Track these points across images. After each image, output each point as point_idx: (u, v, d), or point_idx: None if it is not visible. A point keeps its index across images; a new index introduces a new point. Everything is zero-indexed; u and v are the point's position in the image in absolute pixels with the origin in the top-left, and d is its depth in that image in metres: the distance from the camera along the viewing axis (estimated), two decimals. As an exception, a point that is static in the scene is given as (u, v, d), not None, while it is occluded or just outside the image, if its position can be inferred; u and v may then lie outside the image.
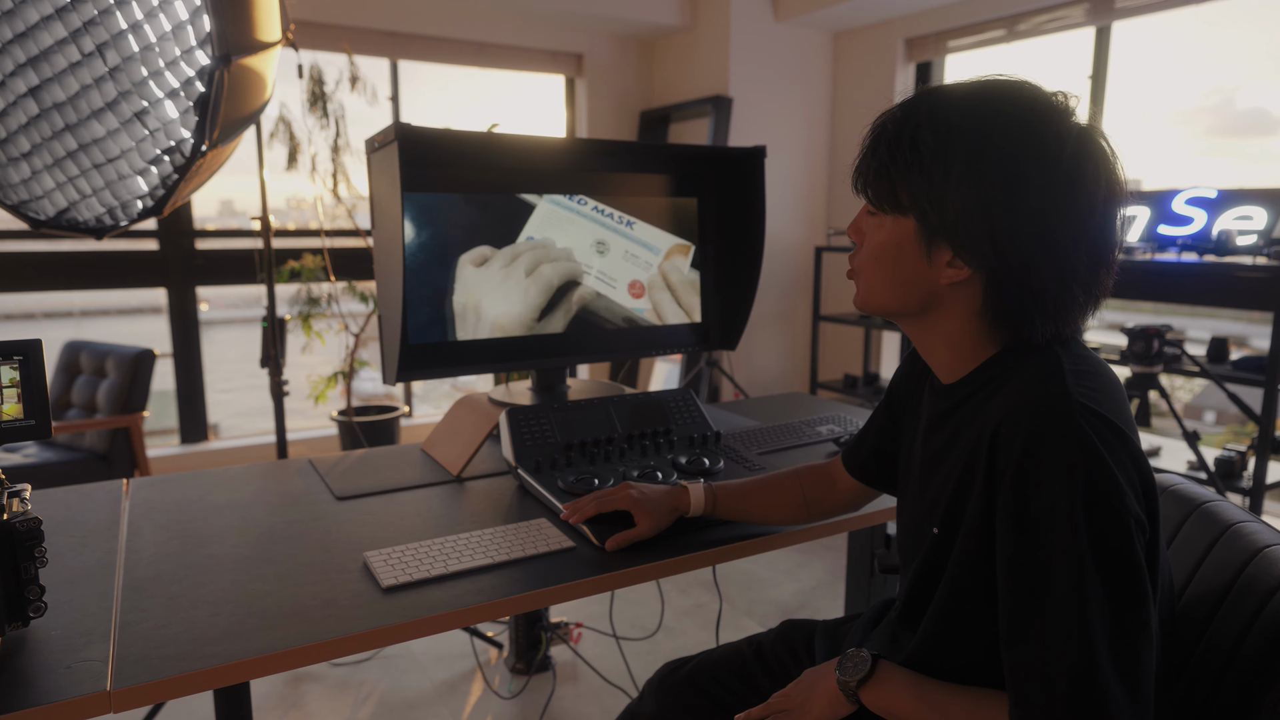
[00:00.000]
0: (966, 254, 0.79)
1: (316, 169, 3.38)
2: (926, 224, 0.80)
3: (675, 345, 1.78)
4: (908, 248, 0.82)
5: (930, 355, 0.91)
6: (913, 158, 0.79)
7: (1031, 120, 0.77)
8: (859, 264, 0.89)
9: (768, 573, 2.92)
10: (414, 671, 2.23)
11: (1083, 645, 0.68)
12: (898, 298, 0.86)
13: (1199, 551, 0.98)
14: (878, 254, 0.85)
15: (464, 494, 1.38)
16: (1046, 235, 0.76)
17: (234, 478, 1.45)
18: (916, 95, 0.84)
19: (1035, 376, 0.77)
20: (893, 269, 0.84)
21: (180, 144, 1.41)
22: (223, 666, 0.84)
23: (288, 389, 2.29)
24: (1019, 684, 0.72)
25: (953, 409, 0.88)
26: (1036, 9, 3.57)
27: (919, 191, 0.79)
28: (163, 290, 3.93)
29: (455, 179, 1.45)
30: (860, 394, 4.02)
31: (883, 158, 0.82)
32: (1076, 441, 0.71)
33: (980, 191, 0.76)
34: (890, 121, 0.83)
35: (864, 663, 0.88)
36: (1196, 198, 2.90)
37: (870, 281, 0.88)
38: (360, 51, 3.81)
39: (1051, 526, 0.70)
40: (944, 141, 0.77)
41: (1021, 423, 0.73)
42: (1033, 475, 0.72)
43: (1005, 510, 0.74)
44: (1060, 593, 0.69)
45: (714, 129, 4.18)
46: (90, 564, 1.09)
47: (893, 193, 0.81)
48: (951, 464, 0.85)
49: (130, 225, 1.49)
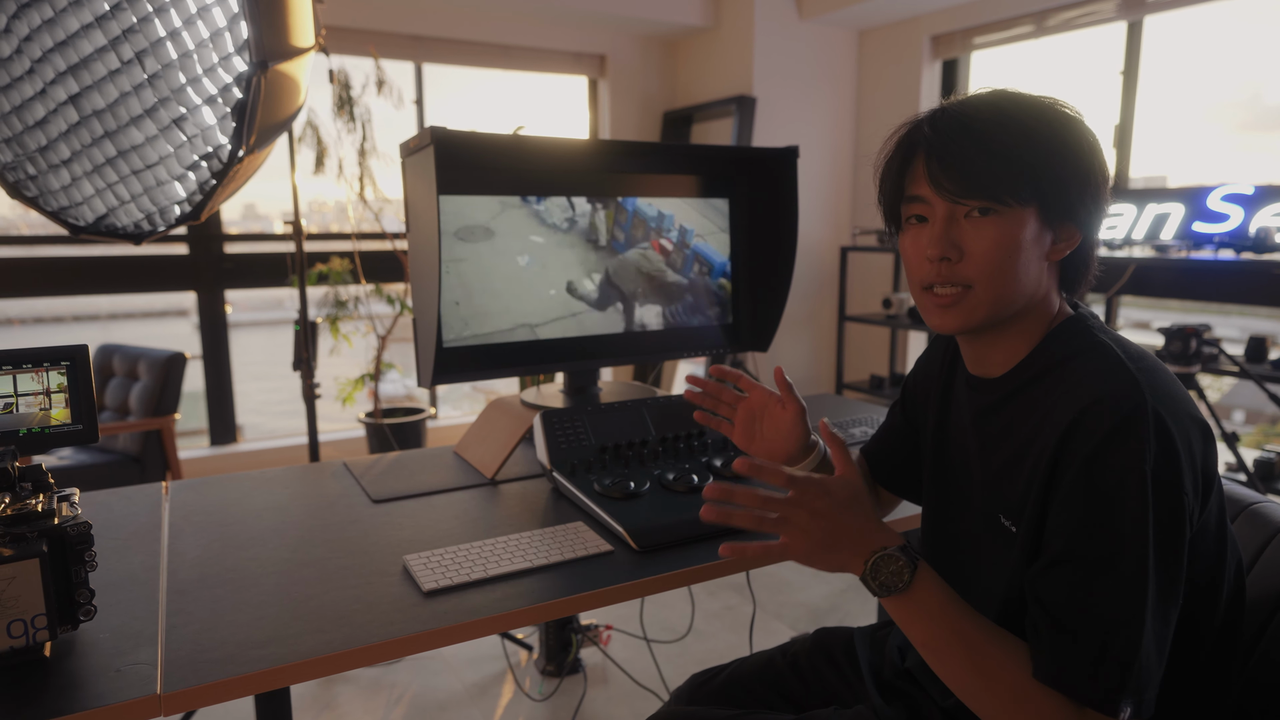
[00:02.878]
0: (1077, 224, 0.84)
1: (344, 173, 3.40)
2: (1050, 206, 0.83)
3: (706, 347, 1.77)
4: (1031, 239, 0.83)
5: (993, 352, 0.91)
6: (1030, 146, 0.81)
7: (1053, 103, 0.85)
8: (972, 275, 0.84)
9: (796, 576, 2.90)
10: (445, 673, 2.23)
11: (1140, 615, 0.72)
12: (1023, 294, 0.85)
13: (1250, 554, 0.96)
14: (1000, 256, 0.82)
15: (499, 497, 1.38)
16: (1107, 190, 0.85)
17: (270, 480, 1.46)
18: (951, 106, 0.86)
19: (1102, 368, 0.80)
20: (1018, 266, 0.83)
21: (218, 150, 1.42)
22: (270, 670, 0.85)
23: (319, 391, 2.31)
24: (1068, 638, 0.74)
25: (1005, 400, 0.89)
26: (1066, 4, 3.53)
27: (1042, 175, 0.81)
28: (189, 294, 3.98)
29: (489, 181, 1.46)
30: (887, 395, 3.99)
31: (996, 153, 0.81)
32: (1152, 429, 0.74)
33: (1079, 162, 0.82)
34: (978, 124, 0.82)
35: (900, 582, 0.78)
36: (1233, 194, 2.85)
37: (994, 291, 0.84)
38: (385, 55, 3.84)
39: (1124, 503, 0.73)
40: (1045, 124, 0.82)
41: (1103, 414, 0.76)
42: (1109, 458, 0.74)
43: (1074, 486, 0.76)
44: (1126, 563, 0.73)
45: (738, 129, 4.17)
46: (134, 567, 1.10)
47: (1014, 185, 0.81)
48: (1013, 456, 0.86)
49: (168, 230, 1.51)
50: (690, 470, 1.38)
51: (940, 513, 1.01)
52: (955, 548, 0.97)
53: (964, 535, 0.94)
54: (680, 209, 1.68)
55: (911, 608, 0.79)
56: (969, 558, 0.93)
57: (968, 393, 0.96)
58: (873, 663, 1.12)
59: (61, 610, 0.86)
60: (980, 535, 0.91)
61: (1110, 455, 0.74)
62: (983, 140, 0.81)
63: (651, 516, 1.21)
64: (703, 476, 1.36)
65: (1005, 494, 0.87)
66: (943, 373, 1.03)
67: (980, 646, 0.77)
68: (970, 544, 0.93)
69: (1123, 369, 0.78)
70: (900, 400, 1.14)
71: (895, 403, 1.16)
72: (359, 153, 3.40)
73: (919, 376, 1.10)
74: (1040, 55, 3.85)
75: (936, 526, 1.02)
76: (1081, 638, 0.73)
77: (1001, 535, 0.87)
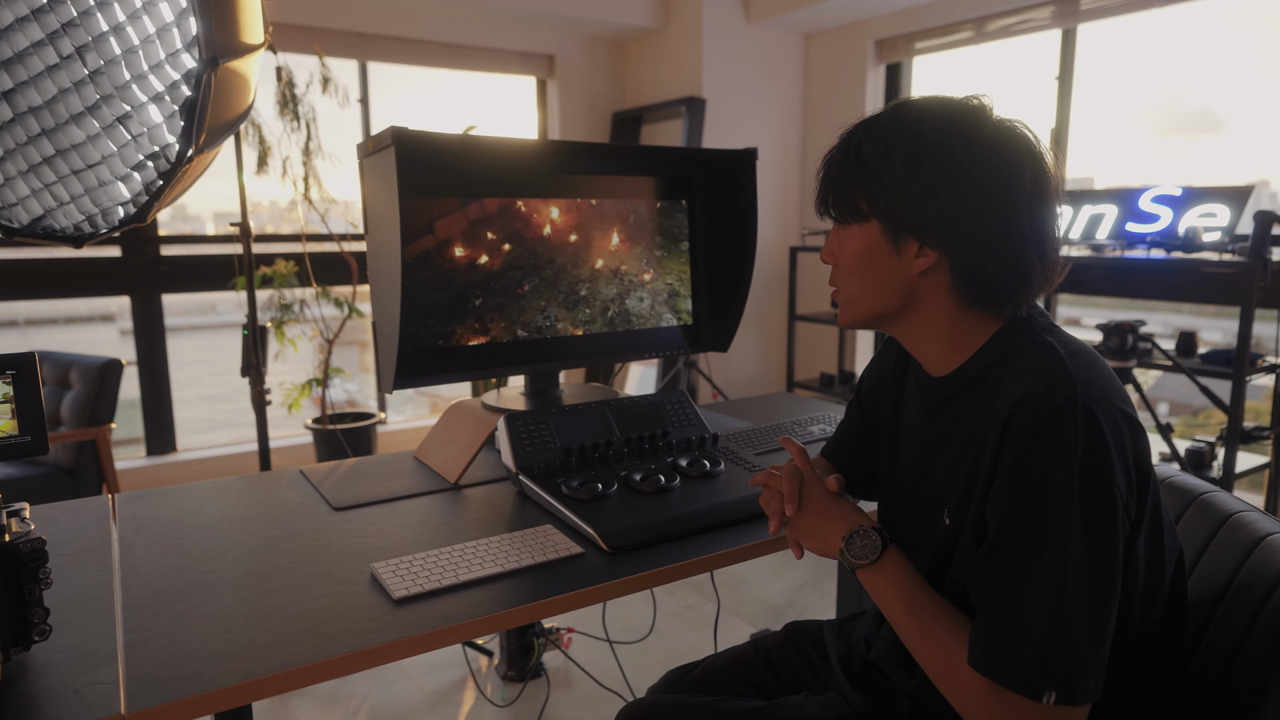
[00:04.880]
0: (929, 239, 0.86)
1: (288, 173, 3.32)
2: (888, 222, 0.88)
3: (667, 347, 1.78)
4: (877, 249, 0.89)
5: (921, 350, 0.95)
6: (859, 167, 0.88)
7: (951, 115, 0.86)
8: (837, 280, 0.96)
9: (754, 573, 2.93)
10: (404, 682, 2.20)
11: (1061, 602, 0.74)
12: (880, 299, 0.92)
13: (1199, 543, 1.01)
14: (853, 264, 0.92)
15: (464, 501, 1.37)
16: (989, 207, 0.84)
17: (224, 490, 1.42)
18: (853, 127, 0.93)
19: (1040, 364, 0.82)
20: (869, 274, 0.91)
21: (165, 149, 1.37)
22: (242, 685, 0.82)
23: (270, 398, 2.24)
24: (992, 623, 0.78)
25: (950, 399, 0.92)
26: (1004, 11, 3.64)
27: (874, 194, 0.87)
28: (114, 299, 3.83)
29: (449, 183, 1.44)
30: (836, 392, 4.06)
31: (835, 177, 0.91)
32: (1081, 422, 0.77)
33: (923, 178, 0.84)
34: (835, 150, 0.93)
35: (870, 551, 0.90)
36: (1162, 195, 2.98)
37: (852, 293, 0.94)
38: (329, 53, 3.75)
39: (1050, 494, 0.77)
40: (882, 147, 0.87)
41: (1036, 408, 0.78)
42: (1039, 450, 0.78)
43: (1006, 476, 0.80)
44: (1050, 552, 0.76)
45: (688, 130, 4.19)
46: (86, 583, 1.05)
47: (853, 204, 0.90)
48: (957, 453, 0.89)
49: (112, 233, 1.45)
50: (657, 471, 1.38)
51: (893, 509, 1.04)
52: (908, 542, 0.99)
53: (914, 530, 0.97)
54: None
55: (878, 580, 0.89)
56: (918, 552, 0.96)
57: (918, 391, 0.99)
58: (841, 653, 1.14)
59: (14, 630, 0.82)
60: (927, 530, 0.94)
61: (1040, 448, 0.77)
62: (839, 160, 0.91)
63: (621, 518, 1.21)
64: (669, 477, 1.37)
65: (948, 490, 0.90)
66: (896, 371, 1.06)
67: (930, 624, 0.84)
68: (919, 539, 0.96)
69: (1058, 365, 0.81)
70: (856, 399, 1.17)
71: (852, 402, 1.18)
72: (304, 152, 3.32)
73: (873, 375, 1.13)
74: (980, 61, 3.96)
75: (889, 522, 1.04)
76: (1005, 624, 0.77)
77: (940, 529, 0.90)
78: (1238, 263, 2.52)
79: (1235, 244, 2.69)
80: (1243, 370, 2.51)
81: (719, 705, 1.06)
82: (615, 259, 1.68)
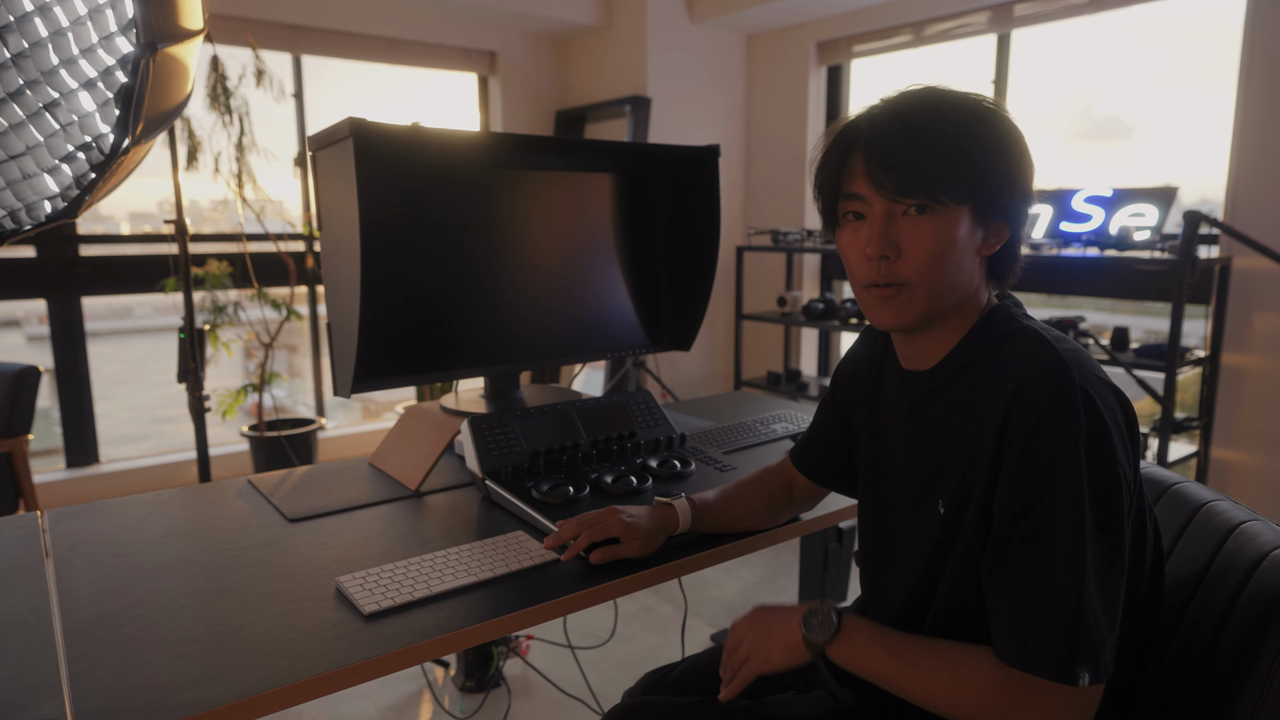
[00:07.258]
0: (1007, 221, 0.87)
1: (220, 170, 3.17)
2: (984, 204, 0.85)
3: (628, 347, 1.75)
4: (965, 236, 0.85)
5: (928, 346, 0.93)
6: (952, 147, 0.82)
7: (981, 100, 0.86)
8: (909, 274, 0.85)
9: (710, 573, 2.92)
10: (358, 697, 2.11)
11: (1080, 582, 0.75)
12: (957, 290, 0.88)
13: (1173, 533, 1.02)
14: (936, 255, 0.84)
15: (427, 509, 1.31)
16: (1033, 186, 0.88)
17: (166, 503, 1.33)
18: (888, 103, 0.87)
19: (1031, 350, 0.83)
20: (952, 264, 0.86)
21: (98, 140, 1.28)
22: (204, 714, 0.76)
23: (209, 404, 2.13)
24: (1017, 615, 0.77)
25: (940, 389, 0.91)
26: (942, 15, 3.72)
27: (977, 175, 0.83)
28: (21, 302, 3.60)
29: (406, 177, 1.38)
30: (784, 390, 4.09)
31: (925, 161, 0.82)
32: (1083, 402, 0.78)
33: (1013, 159, 0.84)
34: (906, 124, 0.84)
35: (830, 623, 0.89)
36: (1094, 196, 3.09)
37: (929, 288, 0.86)
38: (262, 46, 3.60)
39: (1059, 477, 0.77)
40: (963, 126, 0.83)
41: (1037, 394, 0.79)
42: (1045, 435, 0.77)
43: (1013, 464, 0.79)
44: (1065, 535, 0.76)
45: (633, 129, 4.17)
46: (19, 609, 0.97)
47: (950, 186, 0.83)
48: (952, 441, 0.88)
49: (39, 230, 1.34)
50: (628, 472, 1.35)
51: (877, 504, 1.03)
52: (894, 537, 0.99)
53: (902, 525, 0.96)
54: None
55: (848, 647, 0.88)
56: (905, 546, 0.95)
57: (900, 386, 0.98)
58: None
59: (-56, 665, 0.74)
60: (917, 524, 0.93)
61: (1045, 433, 0.78)
62: (921, 139, 0.83)
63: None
64: (641, 478, 1.34)
65: (943, 481, 0.89)
66: (873, 367, 1.05)
67: (919, 659, 0.84)
68: (907, 533, 0.95)
69: (1048, 349, 0.82)
70: (830, 397, 1.16)
71: (824, 400, 1.17)
72: (237, 148, 3.18)
73: (847, 372, 1.12)
74: (918, 64, 4.05)
75: (874, 518, 1.03)
76: (1031, 613, 0.76)
77: (934, 519, 0.90)
78: (1169, 260, 2.63)
79: (1165, 243, 2.81)
80: (1174, 363, 2.61)
81: (708, 705, 1.03)
82: (575, 256, 1.64)
